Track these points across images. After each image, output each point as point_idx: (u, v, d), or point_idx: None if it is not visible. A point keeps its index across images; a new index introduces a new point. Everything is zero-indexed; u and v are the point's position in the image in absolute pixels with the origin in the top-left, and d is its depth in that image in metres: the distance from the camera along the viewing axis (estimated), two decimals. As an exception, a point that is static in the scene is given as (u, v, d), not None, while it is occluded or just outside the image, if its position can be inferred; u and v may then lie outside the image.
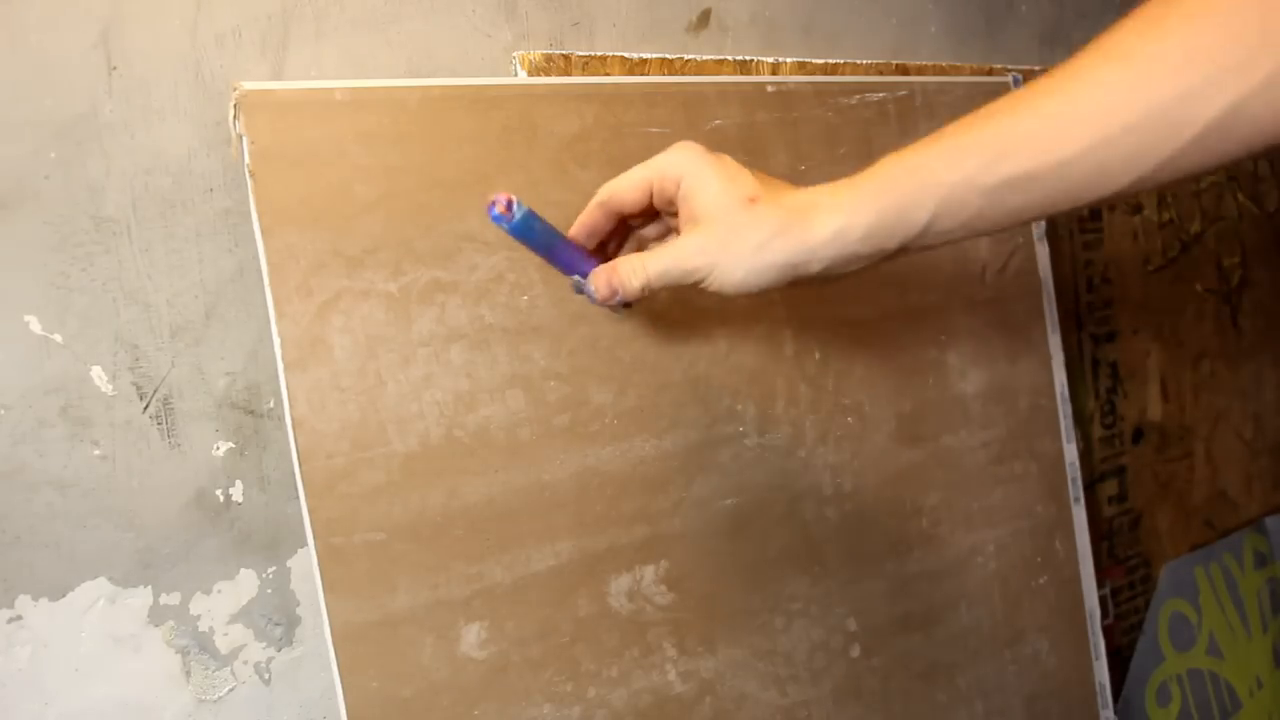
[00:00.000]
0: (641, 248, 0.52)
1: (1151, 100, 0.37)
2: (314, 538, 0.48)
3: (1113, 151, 0.38)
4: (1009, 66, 0.82)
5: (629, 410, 0.58)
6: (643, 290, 0.46)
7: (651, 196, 0.47)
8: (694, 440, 0.61)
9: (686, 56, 0.65)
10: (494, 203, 0.45)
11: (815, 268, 0.44)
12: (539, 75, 0.59)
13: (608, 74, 0.61)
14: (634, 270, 0.46)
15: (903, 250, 0.44)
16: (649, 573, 0.59)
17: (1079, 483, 0.81)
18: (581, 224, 0.50)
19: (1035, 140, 0.40)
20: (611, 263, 0.47)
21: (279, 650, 0.53)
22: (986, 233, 0.43)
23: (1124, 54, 0.38)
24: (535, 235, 0.47)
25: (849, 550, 0.67)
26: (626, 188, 0.48)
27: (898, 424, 0.70)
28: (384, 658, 0.50)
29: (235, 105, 0.47)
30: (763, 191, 0.45)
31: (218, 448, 0.51)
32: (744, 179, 0.45)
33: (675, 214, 0.48)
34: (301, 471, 0.48)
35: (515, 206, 0.46)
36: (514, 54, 0.59)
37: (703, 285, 0.45)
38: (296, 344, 0.48)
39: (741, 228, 0.44)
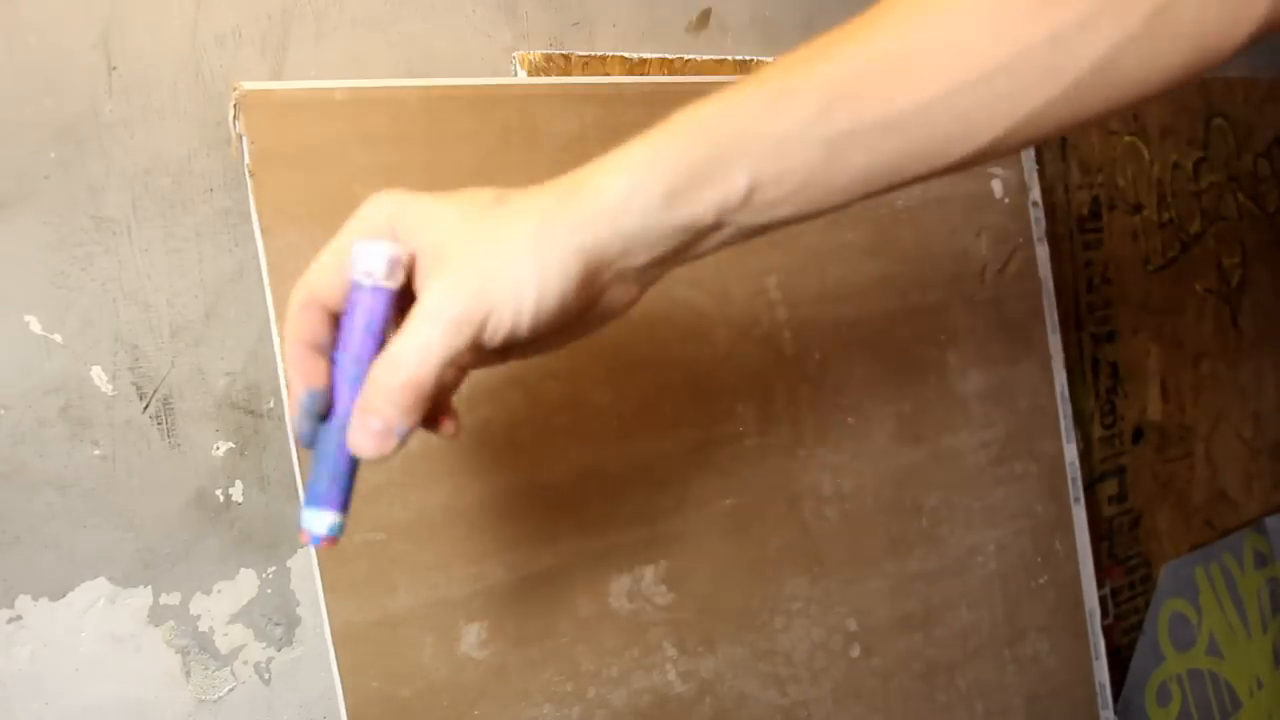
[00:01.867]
0: None
1: (1020, 41, 0.31)
2: (314, 538, 0.48)
3: (974, 99, 0.32)
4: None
5: (629, 410, 0.58)
6: (416, 400, 0.31)
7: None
8: (694, 440, 0.61)
9: (687, 57, 0.65)
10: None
11: (614, 249, 0.32)
12: (539, 75, 0.59)
13: (608, 74, 0.61)
14: (385, 381, 0.31)
15: (717, 226, 0.33)
16: (649, 573, 0.59)
17: (1079, 483, 0.81)
18: (295, 350, 0.33)
19: (883, 83, 0.32)
20: (360, 399, 0.32)
21: (279, 650, 0.53)
22: (824, 208, 0.34)
23: None
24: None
25: (849, 550, 0.67)
26: (325, 272, 0.34)
27: (898, 424, 0.70)
28: (384, 658, 0.50)
29: (235, 105, 0.47)
30: (510, 191, 0.33)
31: (218, 447, 0.51)
32: (477, 191, 0.33)
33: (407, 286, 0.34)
34: (301, 472, 0.48)
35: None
36: (514, 54, 0.59)
37: (488, 338, 0.32)
38: (296, 344, 0.48)
39: (498, 230, 0.32)
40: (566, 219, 0.32)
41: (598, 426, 0.57)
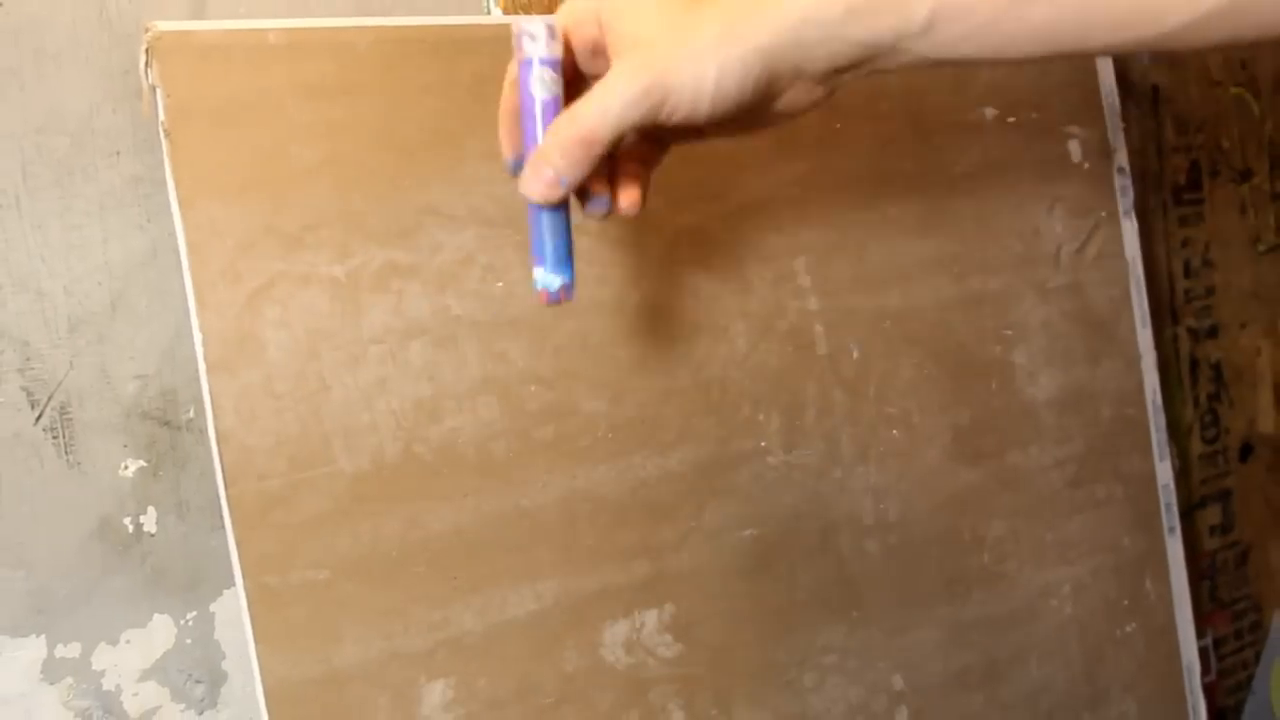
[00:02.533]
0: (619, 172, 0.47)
1: None
2: (243, 576, 0.48)
3: None
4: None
5: (627, 421, 0.58)
6: (587, 154, 0.41)
7: (574, 58, 0.44)
8: (706, 458, 0.61)
9: (696, -10, 0.65)
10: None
11: (793, 54, 0.41)
12: (516, 13, 0.59)
13: (601, 12, 0.61)
14: (562, 133, 0.41)
15: (895, 50, 0.41)
16: (651, 619, 0.59)
17: (1174, 509, 0.81)
18: (505, 121, 0.45)
19: None
20: (537, 148, 0.42)
21: (200, 714, 0.53)
22: (1005, 55, 0.41)
23: None
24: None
25: (894, 592, 0.67)
26: None
27: (953, 438, 0.70)
28: (328, 722, 0.50)
29: (147, 50, 0.47)
30: None
31: (126, 467, 0.51)
32: None
33: (605, 71, 0.44)
34: (228, 496, 0.48)
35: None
36: (486, -13, 0.59)
37: (664, 115, 0.41)
38: (222, 340, 0.49)
39: (688, 27, 0.41)
40: (751, 24, 0.40)
41: (589, 440, 0.57)
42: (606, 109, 0.40)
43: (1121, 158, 0.80)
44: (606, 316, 0.58)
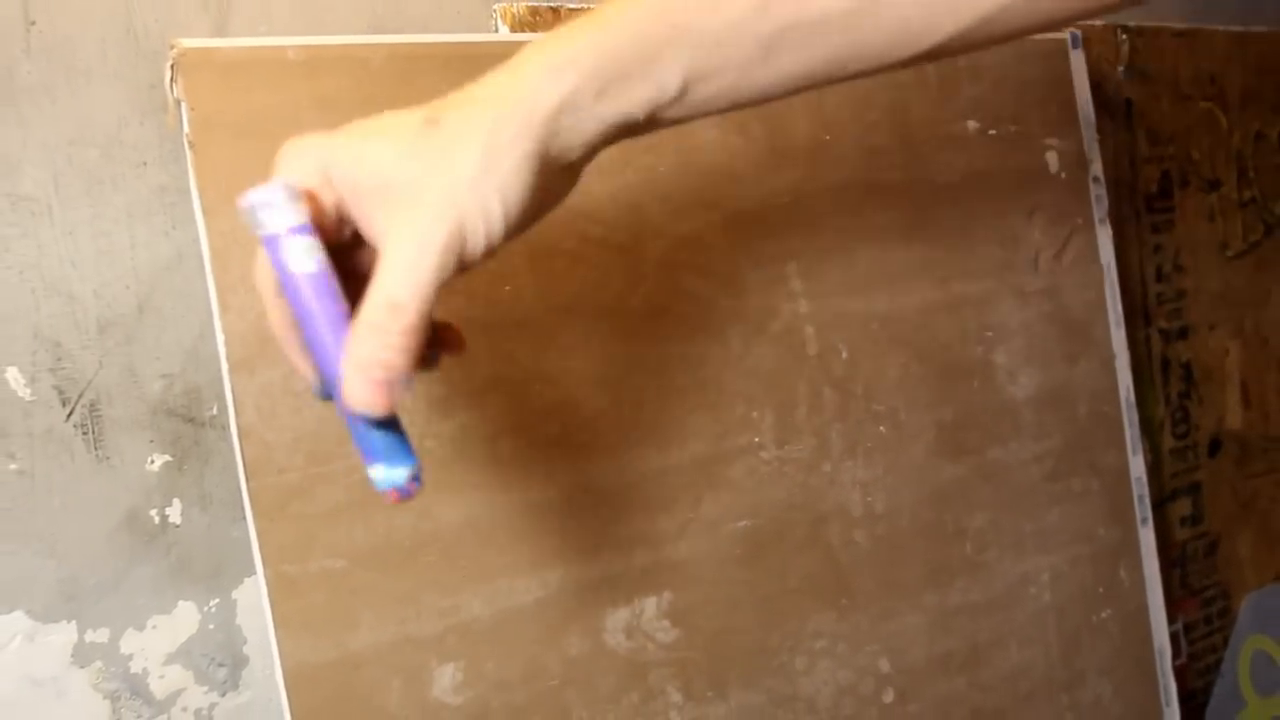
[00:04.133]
0: None
1: None
2: (263, 565, 0.48)
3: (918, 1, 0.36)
4: (1066, 21, 0.82)
5: (627, 418, 0.58)
6: (417, 341, 0.34)
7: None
8: (702, 452, 0.61)
9: (694, 9, 0.65)
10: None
11: (555, 150, 0.36)
12: (524, 31, 0.59)
13: (603, 30, 0.61)
14: (387, 327, 0.33)
15: (652, 122, 0.38)
16: (650, 605, 0.59)
17: (1147, 502, 0.81)
18: (287, 340, 0.38)
19: None
20: (351, 355, 0.34)
21: (223, 695, 0.53)
22: (752, 101, 0.38)
23: None
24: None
25: (881, 580, 0.67)
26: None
27: (938, 434, 0.70)
28: (344, 704, 0.50)
29: (173, 66, 0.47)
30: (434, 108, 0.36)
31: (152, 461, 0.51)
32: (399, 116, 0.36)
33: (354, 240, 0.37)
34: (249, 489, 0.48)
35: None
36: (494, 7, 0.59)
37: (466, 260, 0.35)
38: (243, 341, 0.48)
39: (447, 159, 0.34)
40: (507, 133, 0.35)
41: (591, 436, 0.57)
42: (419, 280, 0.33)
43: (1097, 168, 0.80)
44: (608, 319, 0.58)
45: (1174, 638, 0.89)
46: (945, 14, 0.36)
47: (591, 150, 0.37)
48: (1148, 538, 0.81)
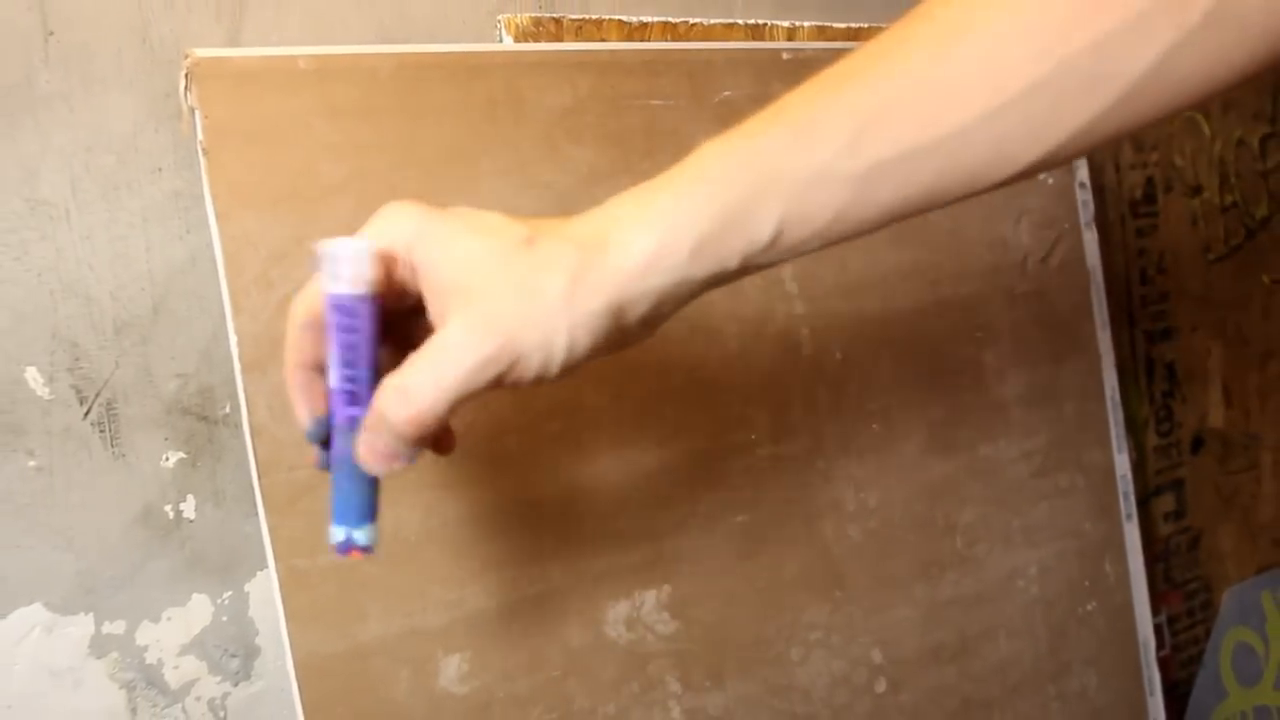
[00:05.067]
0: None
1: (1061, 53, 0.32)
2: (275, 559, 0.48)
3: (1013, 120, 0.33)
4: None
5: (628, 417, 0.58)
6: (421, 432, 0.34)
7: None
8: (700, 449, 0.61)
9: (692, 20, 0.65)
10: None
11: (643, 306, 0.35)
12: (527, 41, 0.59)
13: (604, 40, 0.61)
14: (392, 411, 0.34)
15: (744, 269, 0.36)
16: (650, 598, 0.59)
17: (1131, 497, 0.81)
18: (297, 376, 0.37)
19: (911, 109, 0.33)
20: (370, 419, 0.35)
21: (235, 685, 0.53)
22: (849, 237, 0.36)
23: None
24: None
25: (874, 573, 0.67)
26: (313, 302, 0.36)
27: (929, 431, 0.70)
28: (353, 693, 0.50)
29: (187, 75, 0.47)
30: (536, 229, 0.35)
31: (167, 458, 0.51)
32: (502, 222, 0.35)
33: (417, 308, 0.36)
34: (261, 485, 0.48)
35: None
36: (499, 17, 0.59)
37: (510, 380, 0.35)
38: (255, 342, 0.48)
39: (530, 279, 0.34)
40: (594, 277, 0.34)
41: (593, 434, 0.57)
42: (442, 382, 0.33)
43: (1083, 174, 0.80)
44: (609, 320, 0.58)
45: (1158, 630, 0.89)
46: (1041, 129, 0.33)
47: (679, 304, 0.37)
48: (1132, 533, 0.81)
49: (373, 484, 0.37)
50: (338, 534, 0.37)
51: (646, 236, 0.34)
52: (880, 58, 0.34)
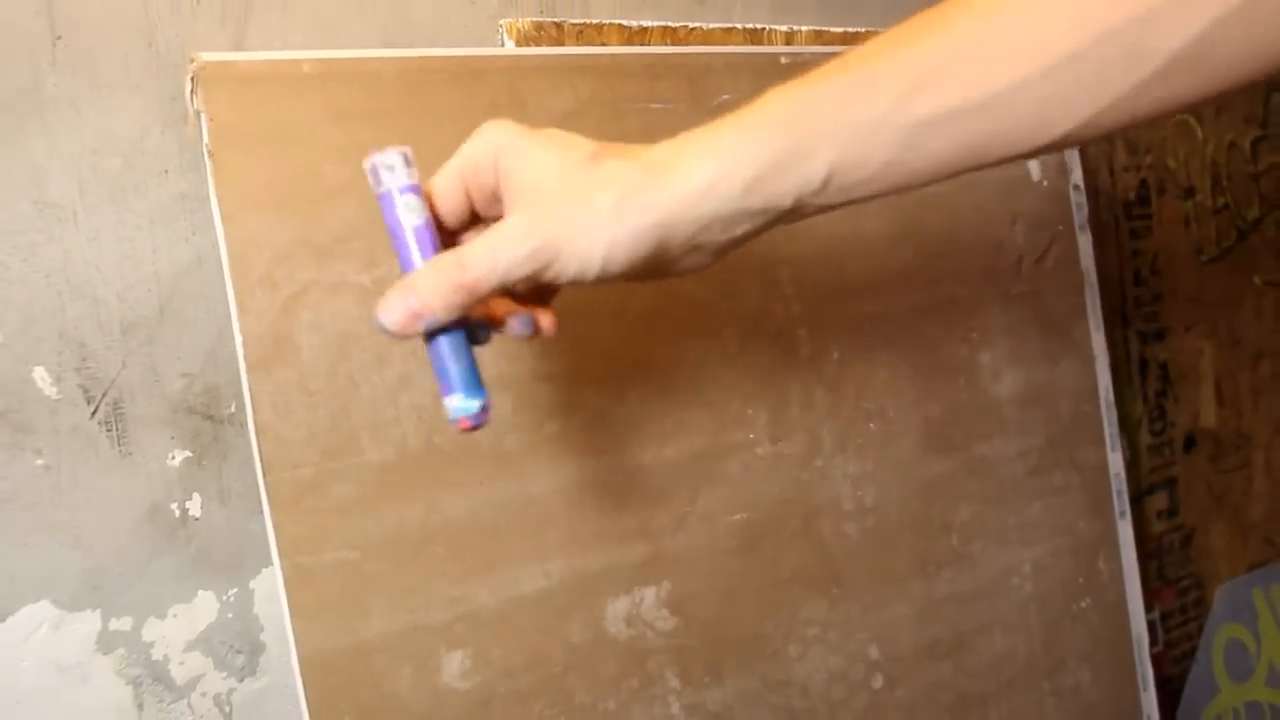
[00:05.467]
0: None
1: (1104, 23, 0.33)
2: (279, 556, 0.48)
3: (1055, 86, 0.34)
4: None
5: (628, 415, 0.58)
6: (465, 301, 0.37)
7: (470, 200, 0.40)
8: (700, 449, 0.61)
9: (691, 25, 0.65)
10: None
11: (689, 229, 0.37)
12: (528, 45, 0.59)
13: (604, 44, 0.61)
14: (444, 274, 0.37)
15: (796, 210, 0.38)
16: (650, 595, 0.59)
17: (1125, 496, 0.81)
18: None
19: (961, 69, 0.35)
20: (408, 276, 0.38)
21: (241, 681, 0.53)
22: (896, 189, 0.38)
23: None
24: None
25: (871, 570, 0.67)
26: (435, 194, 0.40)
27: (925, 430, 0.70)
28: (357, 689, 0.50)
29: (193, 78, 0.47)
30: (605, 149, 0.38)
31: (173, 457, 0.51)
32: (579, 141, 0.38)
33: (500, 216, 0.40)
34: (266, 483, 0.48)
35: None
36: (501, 22, 0.59)
37: (550, 276, 0.37)
38: (260, 342, 0.48)
39: (586, 189, 0.37)
40: (647, 197, 0.36)
41: (593, 433, 0.57)
42: (494, 262, 0.36)
43: (1077, 176, 0.80)
44: (609, 321, 0.58)
45: (1151, 626, 0.89)
46: (1081, 97, 0.35)
47: (734, 239, 0.38)
48: (1126, 530, 0.81)
49: (468, 350, 0.39)
50: (458, 405, 0.38)
51: (705, 165, 0.36)
52: (936, 21, 0.36)
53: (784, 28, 0.69)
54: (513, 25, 0.59)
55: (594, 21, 0.62)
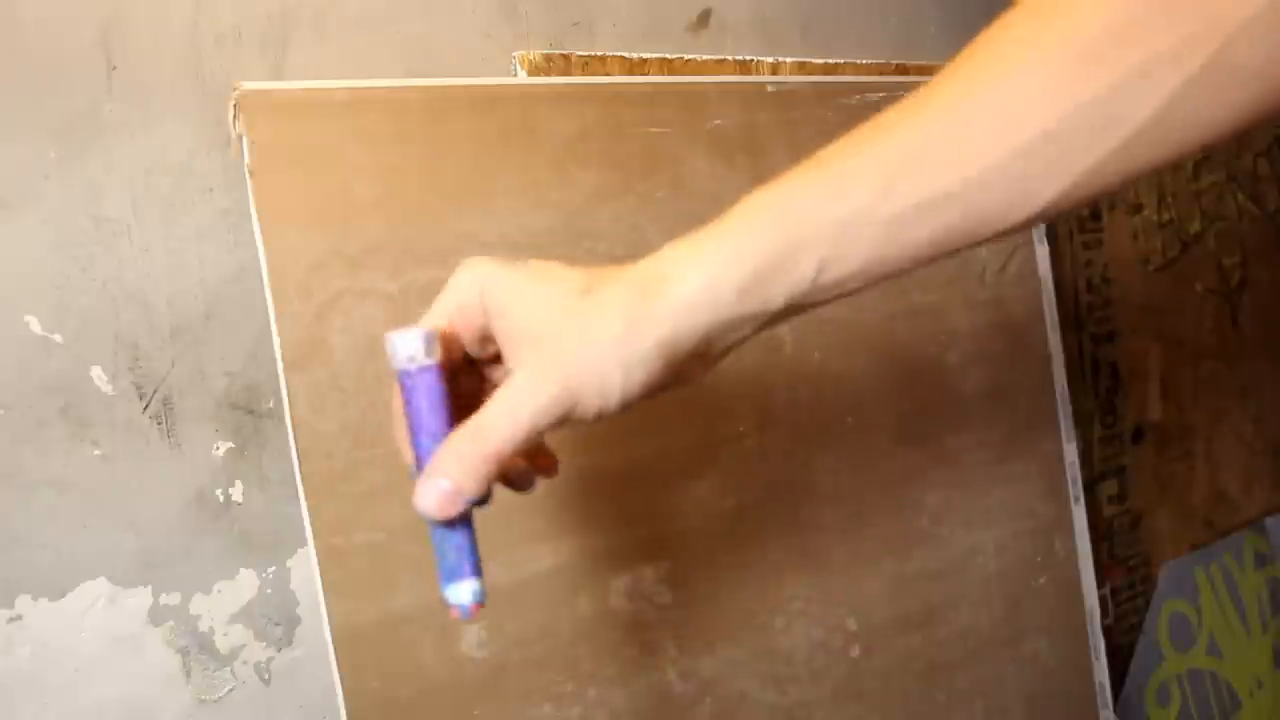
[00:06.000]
0: None
1: (1073, 99, 0.31)
2: (314, 537, 0.49)
3: (1032, 163, 0.32)
4: (1009, 66, 0.82)
5: (630, 411, 0.58)
6: (493, 470, 0.33)
7: (460, 342, 0.36)
8: (694, 440, 0.61)
9: (686, 56, 0.65)
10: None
11: (690, 340, 0.34)
12: (539, 75, 0.59)
13: (608, 74, 0.61)
14: (467, 449, 0.33)
15: (790, 309, 0.35)
16: (649, 572, 0.59)
17: (1079, 483, 0.81)
18: (400, 431, 0.36)
19: (937, 155, 0.33)
20: (433, 461, 0.34)
21: (279, 650, 0.53)
22: (885, 278, 0.35)
23: (1032, 41, 0.32)
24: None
25: (848, 550, 0.67)
26: None
27: (898, 424, 0.70)
28: (384, 658, 0.50)
29: (235, 105, 0.47)
30: (594, 278, 0.35)
31: (218, 448, 0.51)
32: (564, 273, 0.35)
33: (494, 356, 0.37)
34: (301, 471, 0.48)
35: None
36: (514, 54, 0.59)
37: (575, 417, 0.35)
38: (296, 344, 0.49)
39: (588, 325, 0.34)
40: (648, 318, 0.34)
41: (598, 426, 0.57)
42: (515, 422, 0.33)
43: (1035, 194, 0.80)
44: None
45: (1103, 601, 0.90)
46: (1056, 171, 0.32)
47: (733, 343, 0.36)
48: (1079, 514, 0.81)
49: (473, 538, 0.35)
50: (459, 594, 0.35)
51: (695, 276, 0.34)
52: (908, 111, 0.34)
53: (770, 59, 0.69)
54: (525, 57, 0.59)
55: (598, 53, 0.62)
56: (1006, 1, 0.34)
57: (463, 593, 0.35)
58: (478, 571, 0.35)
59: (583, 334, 0.34)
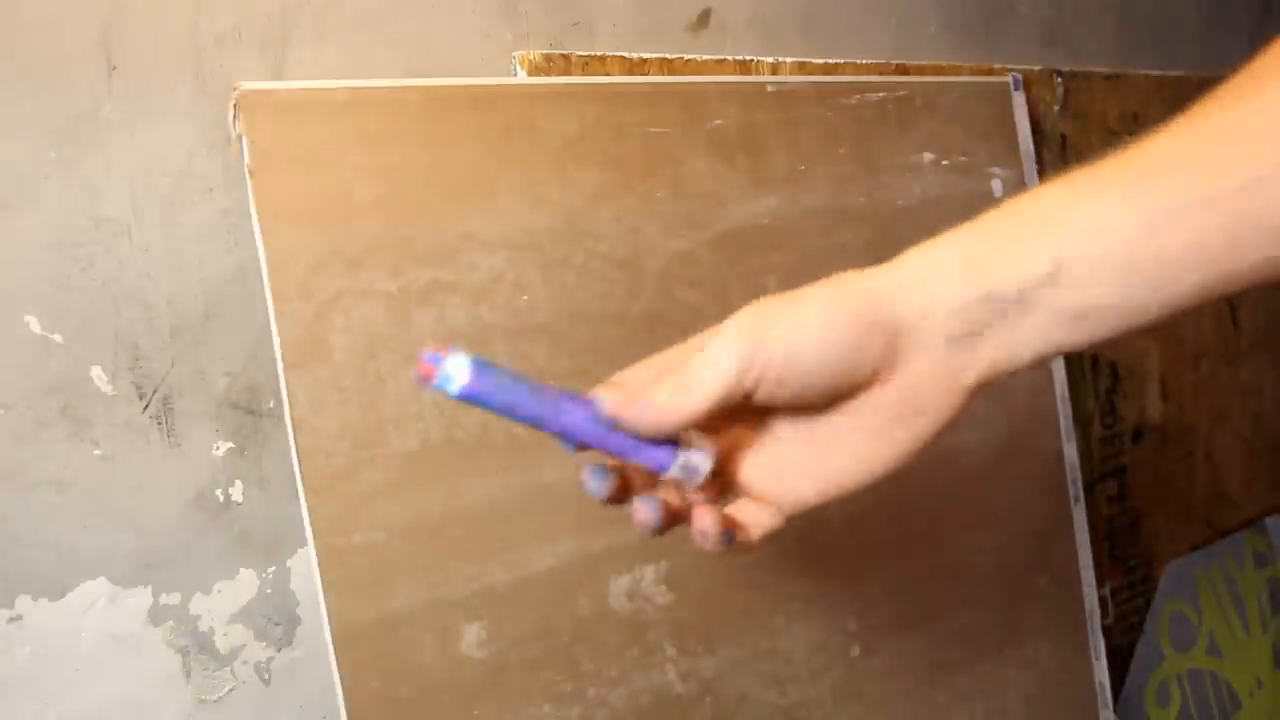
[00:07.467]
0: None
1: None
2: (314, 537, 0.49)
3: None
4: (1008, 66, 0.82)
5: (629, 410, 0.58)
6: (693, 414, 0.33)
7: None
8: (694, 440, 0.61)
9: (686, 56, 0.65)
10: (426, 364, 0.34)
11: (910, 312, 0.32)
12: (539, 75, 0.59)
13: (608, 74, 0.61)
14: (674, 390, 0.34)
15: (1021, 303, 0.31)
16: (649, 572, 0.59)
17: (1079, 483, 0.81)
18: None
19: (1207, 156, 0.29)
20: (630, 388, 0.35)
21: (279, 650, 0.53)
22: (1154, 302, 0.31)
23: None
24: (491, 394, 0.34)
25: (849, 551, 0.67)
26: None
27: (898, 424, 0.70)
28: (383, 657, 0.50)
29: (235, 105, 0.48)
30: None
31: (218, 447, 0.51)
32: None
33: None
34: (301, 471, 0.48)
35: (448, 361, 0.33)
36: (514, 54, 0.59)
37: (758, 368, 0.33)
38: (296, 344, 0.49)
39: (786, 299, 0.34)
40: (863, 284, 0.33)
41: (598, 426, 0.57)
42: (711, 368, 0.33)
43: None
44: (612, 325, 0.58)
45: (1102, 601, 0.90)
46: None
47: (958, 338, 0.33)
48: (1079, 514, 0.81)
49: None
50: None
51: (920, 255, 0.34)
52: (1167, 127, 0.31)
53: (770, 59, 0.69)
54: (525, 57, 0.59)
55: (598, 53, 0.62)
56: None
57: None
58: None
59: (780, 303, 0.33)
